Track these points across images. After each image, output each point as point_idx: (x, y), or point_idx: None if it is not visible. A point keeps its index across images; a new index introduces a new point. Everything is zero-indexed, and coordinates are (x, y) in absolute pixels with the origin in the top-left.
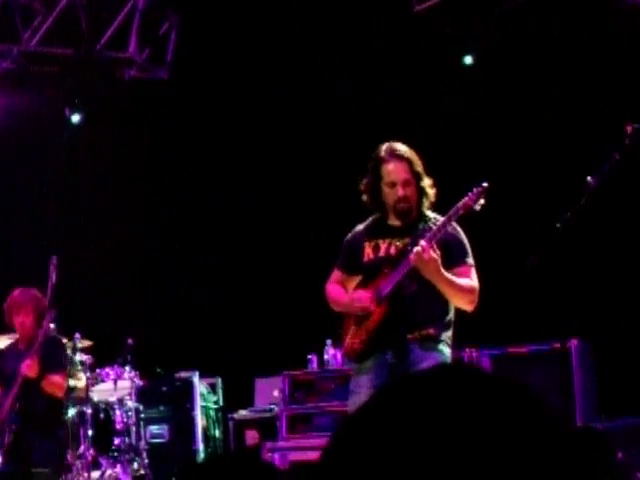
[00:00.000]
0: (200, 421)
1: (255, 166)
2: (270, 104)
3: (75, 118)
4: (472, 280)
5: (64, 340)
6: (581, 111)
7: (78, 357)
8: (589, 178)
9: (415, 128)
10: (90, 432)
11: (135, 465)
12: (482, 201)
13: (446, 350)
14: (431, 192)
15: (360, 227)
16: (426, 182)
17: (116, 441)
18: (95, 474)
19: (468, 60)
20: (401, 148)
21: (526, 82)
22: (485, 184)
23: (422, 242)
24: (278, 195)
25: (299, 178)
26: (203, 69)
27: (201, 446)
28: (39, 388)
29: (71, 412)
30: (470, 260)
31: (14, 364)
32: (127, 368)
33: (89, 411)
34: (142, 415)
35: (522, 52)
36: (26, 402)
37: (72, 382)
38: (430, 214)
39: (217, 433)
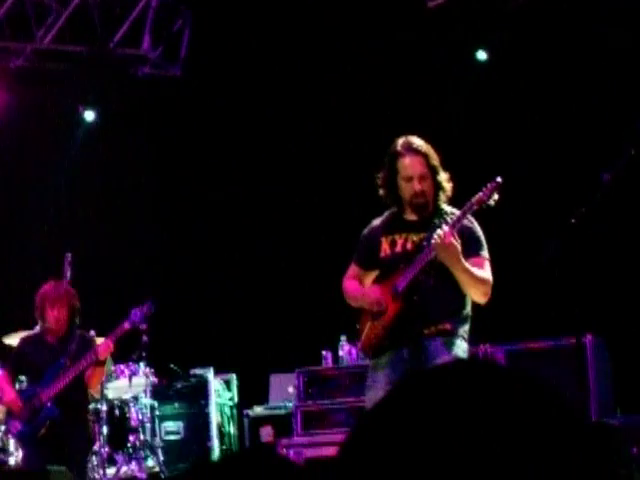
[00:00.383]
0: (215, 418)
1: (270, 162)
2: (284, 100)
3: (89, 115)
4: (486, 272)
5: None
6: (596, 106)
7: None
8: (603, 173)
9: (430, 122)
10: (105, 429)
11: (150, 462)
12: (496, 196)
13: (463, 345)
14: (447, 186)
15: (376, 222)
16: (442, 176)
17: (131, 438)
18: (110, 471)
19: (482, 55)
20: (417, 142)
21: (541, 77)
22: (499, 179)
23: (444, 227)
24: (293, 191)
25: (314, 174)
26: (216, 66)
27: (216, 443)
28: (80, 381)
29: None
30: (485, 253)
31: (41, 356)
32: (142, 365)
33: (104, 408)
34: (157, 412)
35: (536, 47)
36: (68, 394)
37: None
38: (446, 208)
39: (232, 430)
